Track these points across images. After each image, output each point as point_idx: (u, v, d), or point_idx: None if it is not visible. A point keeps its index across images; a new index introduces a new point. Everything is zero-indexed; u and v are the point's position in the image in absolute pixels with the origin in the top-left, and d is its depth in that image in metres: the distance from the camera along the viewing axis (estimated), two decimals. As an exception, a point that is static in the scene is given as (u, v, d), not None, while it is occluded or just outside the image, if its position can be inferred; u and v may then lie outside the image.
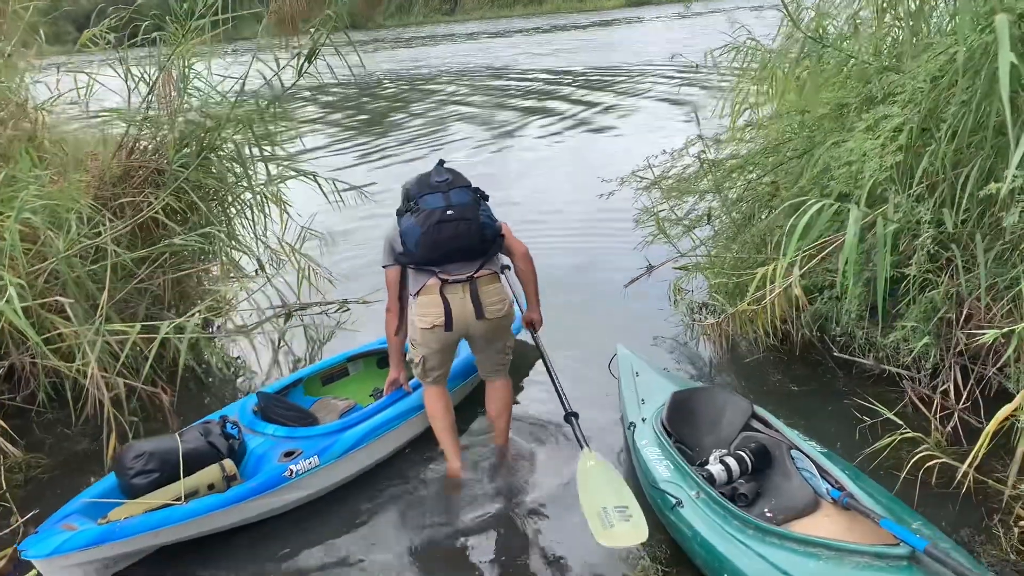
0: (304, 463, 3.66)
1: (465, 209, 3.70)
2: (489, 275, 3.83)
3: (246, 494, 3.50)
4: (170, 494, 3.39)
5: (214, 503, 3.42)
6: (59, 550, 3.09)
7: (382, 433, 4.00)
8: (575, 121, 12.69)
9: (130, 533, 3.23)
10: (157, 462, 3.46)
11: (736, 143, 5.24)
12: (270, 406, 4.07)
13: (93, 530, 3.19)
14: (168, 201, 4.91)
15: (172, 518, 3.32)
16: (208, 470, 3.53)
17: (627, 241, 5.91)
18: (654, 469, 3.43)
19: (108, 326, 4.16)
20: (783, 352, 4.86)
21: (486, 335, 3.88)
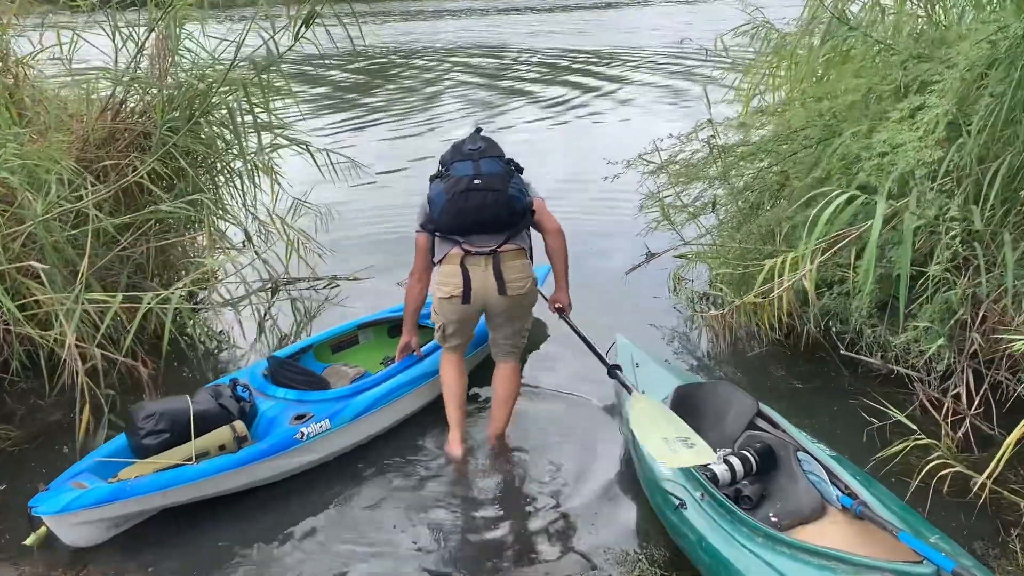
0: (315, 426, 3.65)
1: (493, 179, 3.58)
2: (515, 250, 3.72)
3: (257, 455, 3.50)
4: (181, 454, 3.39)
5: (224, 464, 3.42)
6: (69, 507, 3.11)
7: (393, 399, 3.98)
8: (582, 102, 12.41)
9: (140, 492, 3.24)
10: (168, 422, 3.45)
11: (747, 129, 5.05)
12: (281, 370, 4.05)
13: (103, 488, 3.20)
14: (154, 166, 4.69)
15: (182, 478, 3.32)
16: (219, 431, 3.52)
17: (630, 227, 5.73)
18: (655, 467, 3.27)
19: (88, 294, 3.95)
20: (788, 347, 4.71)
21: (506, 312, 3.79)
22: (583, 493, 3.63)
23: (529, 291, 3.79)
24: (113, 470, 3.39)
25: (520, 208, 3.67)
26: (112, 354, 4.05)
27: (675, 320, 5.24)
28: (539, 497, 3.63)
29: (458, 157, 3.66)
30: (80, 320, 3.96)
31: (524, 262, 3.76)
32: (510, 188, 3.61)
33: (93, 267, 4.31)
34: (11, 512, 3.53)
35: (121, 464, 3.40)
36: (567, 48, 19.68)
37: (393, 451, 3.96)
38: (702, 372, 4.67)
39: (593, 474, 3.75)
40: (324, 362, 4.56)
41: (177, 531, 3.41)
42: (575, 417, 4.18)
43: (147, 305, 3.89)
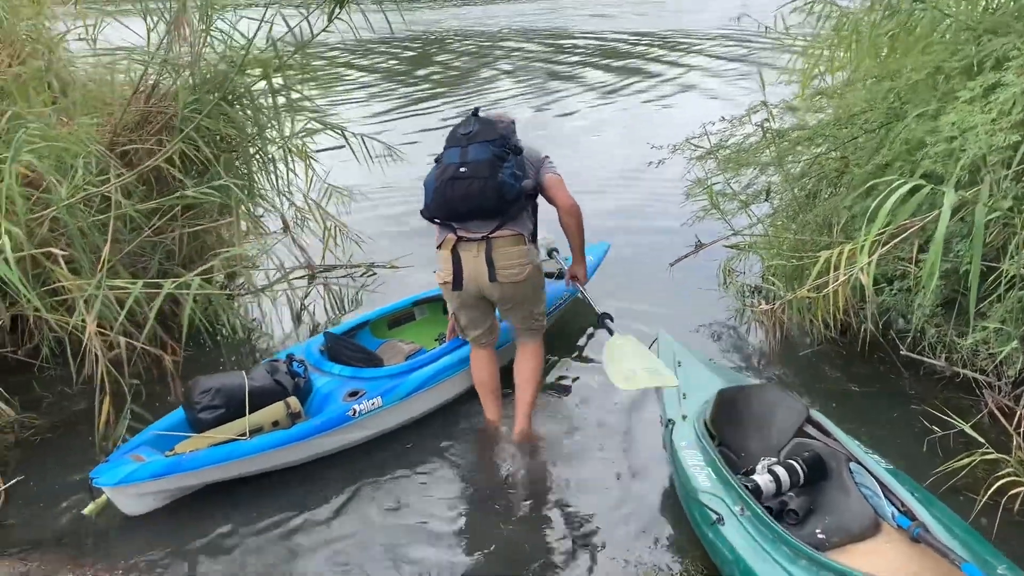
0: (367, 403, 3.68)
1: (479, 167, 3.46)
2: (510, 236, 3.59)
3: (309, 432, 3.54)
4: (235, 429, 3.46)
5: (277, 439, 3.48)
6: (127, 479, 3.22)
7: (444, 378, 3.98)
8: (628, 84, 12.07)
9: (195, 466, 3.34)
10: (223, 398, 3.52)
11: (804, 112, 4.72)
12: (337, 346, 4.08)
13: (160, 462, 3.30)
14: (185, 151, 4.58)
15: (236, 453, 3.40)
16: (273, 407, 3.57)
17: (676, 216, 5.44)
18: (693, 476, 3.03)
19: (110, 281, 3.85)
20: (843, 346, 4.41)
21: (503, 299, 3.70)
22: (618, 500, 3.42)
23: (528, 277, 3.65)
24: (170, 443, 3.47)
25: (511, 194, 3.50)
26: (135, 342, 3.95)
27: (723, 315, 4.96)
28: (571, 501, 3.44)
29: (450, 142, 3.59)
30: (106, 307, 3.87)
31: (520, 248, 3.62)
32: (500, 174, 3.47)
33: (120, 253, 4.23)
34: (29, 503, 3.46)
35: (178, 437, 3.48)
36: (625, 31, 19.22)
37: (427, 439, 3.88)
38: (750, 371, 4.39)
39: (631, 481, 3.55)
40: (380, 338, 4.56)
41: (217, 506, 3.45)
42: (617, 421, 3.96)
43: (165, 291, 3.75)
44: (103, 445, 3.74)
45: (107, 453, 3.68)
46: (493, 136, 3.53)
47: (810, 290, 3.90)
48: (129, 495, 3.29)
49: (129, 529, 3.35)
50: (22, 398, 4.11)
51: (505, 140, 3.55)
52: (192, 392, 3.55)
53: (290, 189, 5.45)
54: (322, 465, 3.66)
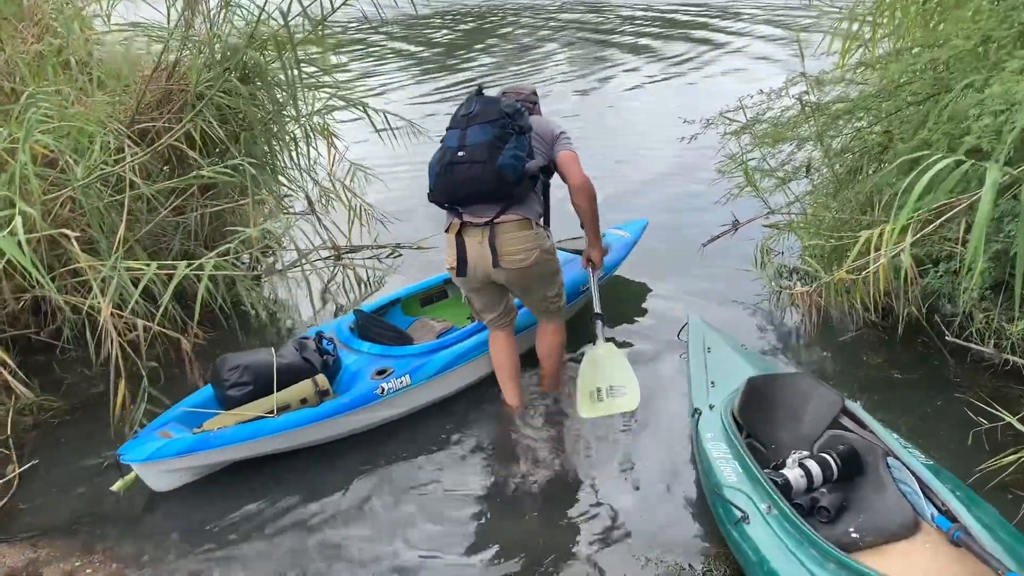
0: (395, 382, 3.66)
1: (477, 150, 3.32)
2: (515, 220, 3.45)
3: (337, 410, 3.53)
4: (263, 407, 3.45)
5: (305, 417, 3.47)
6: (155, 455, 3.24)
7: (474, 357, 3.91)
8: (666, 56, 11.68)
9: (223, 443, 3.34)
10: (252, 375, 3.52)
11: (845, 84, 4.47)
12: (367, 324, 4.05)
13: (188, 439, 3.31)
14: (205, 130, 4.50)
15: (264, 430, 3.39)
16: (301, 385, 3.56)
17: (709, 194, 5.24)
18: (719, 470, 2.87)
19: (126, 262, 3.79)
20: (883, 331, 4.20)
21: (510, 283, 3.60)
22: (638, 493, 3.29)
23: (536, 262, 3.51)
24: (199, 420, 3.47)
25: (512, 177, 3.35)
26: (153, 324, 3.89)
27: (758, 298, 4.75)
28: (589, 492, 3.32)
29: (451, 124, 3.48)
30: (124, 288, 3.81)
31: (527, 233, 3.47)
32: (501, 157, 3.31)
33: (137, 234, 4.18)
34: (44, 488, 3.43)
35: (206, 414, 3.48)
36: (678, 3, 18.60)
37: (450, 423, 3.82)
38: (785, 356, 4.21)
39: (653, 473, 3.40)
40: (412, 315, 4.51)
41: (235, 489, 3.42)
42: (642, 409, 3.80)
43: (181, 272, 3.68)
44: (119, 428, 3.69)
45: (123, 437, 3.65)
46: (494, 116, 3.37)
47: (849, 272, 3.70)
48: (157, 471, 3.30)
49: (142, 516, 3.33)
50: (42, 379, 4.09)
51: (509, 119, 3.37)
52: (220, 369, 3.55)
53: (314, 168, 5.35)
54: (345, 446, 3.62)
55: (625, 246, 4.82)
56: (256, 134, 4.63)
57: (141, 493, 3.40)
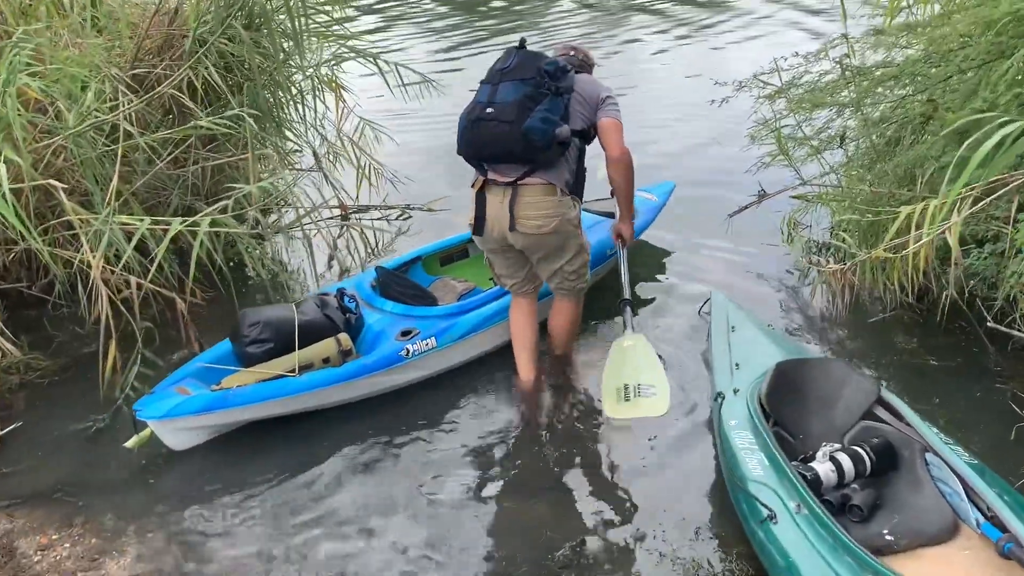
0: (421, 343, 3.55)
1: (505, 109, 3.15)
2: (539, 185, 3.27)
3: (360, 371, 3.42)
4: (284, 365, 3.34)
5: (328, 377, 3.36)
6: (172, 413, 3.13)
7: (499, 321, 3.77)
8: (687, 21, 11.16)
9: (242, 402, 3.23)
10: (272, 331, 3.40)
11: (889, 48, 4.17)
12: (389, 282, 3.94)
13: (206, 396, 3.20)
14: (207, 78, 4.26)
15: (285, 390, 3.28)
16: (324, 343, 3.45)
17: (738, 161, 4.96)
18: (743, 462, 2.66)
19: (118, 217, 3.58)
20: (919, 313, 3.94)
21: (528, 249, 3.44)
22: (656, 483, 3.08)
23: (555, 230, 3.32)
24: (217, 376, 3.36)
25: (541, 141, 3.15)
26: (146, 283, 3.69)
27: (785, 273, 4.48)
28: (603, 482, 3.13)
29: (485, 78, 3.31)
30: (119, 244, 3.61)
31: (550, 199, 3.28)
32: (530, 119, 3.13)
33: (133, 187, 3.97)
34: (28, 452, 3.27)
35: (225, 371, 3.36)
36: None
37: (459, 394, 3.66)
38: (812, 336, 3.96)
39: (672, 461, 3.19)
40: (432, 274, 4.37)
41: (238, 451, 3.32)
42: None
43: (175, 228, 3.47)
44: (109, 393, 3.51)
45: (113, 402, 3.49)
46: (530, 74, 3.18)
47: (887, 250, 3.44)
48: (173, 429, 3.20)
49: (129, 485, 3.17)
50: (32, 336, 3.94)
51: (547, 78, 3.18)
52: (240, 325, 3.44)
53: (322, 123, 5.11)
54: (361, 409, 3.50)
55: (652, 210, 4.66)
56: (258, 85, 4.36)
57: (128, 460, 3.24)
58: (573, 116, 3.29)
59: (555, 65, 3.25)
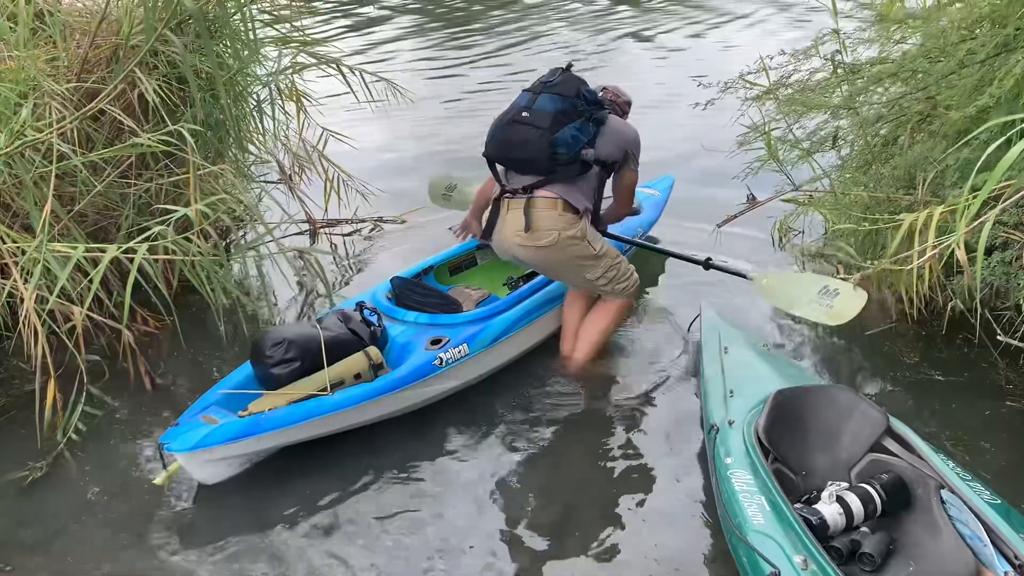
0: (453, 351, 3.43)
1: (541, 116, 3.29)
2: (551, 199, 3.37)
3: (396, 384, 3.27)
4: (314, 384, 3.16)
5: (363, 393, 3.19)
6: (202, 444, 2.93)
7: (528, 322, 3.72)
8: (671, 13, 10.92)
9: (276, 426, 3.04)
10: (298, 350, 3.21)
11: (884, 43, 3.91)
12: (406, 292, 3.81)
13: (237, 423, 3.01)
14: (159, 90, 3.96)
15: (319, 409, 3.11)
16: (354, 358, 3.28)
17: (726, 165, 4.70)
18: (742, 507, 2.39)
19: (52, 244, 3.28)
20: (923, 325, 3.70)
21: (533, 262, 3.55)
22: (646, 524, 2.83)
23: (552, 243, 3.38)
24: (242, 402, 3.17)
25: (565, 156, 3.29)
26: (84, 311, 3.38)
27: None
28: (585, 525, 2.85)
29: (529, 87, 3.44)
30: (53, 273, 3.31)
31: (553, 213, 3.36)
32: (562, 131, 3.26)
33: (76, 209, 3.68)
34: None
35: (249, 396, 3.19)
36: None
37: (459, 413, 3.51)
38: (809, 353, 3.72)
39: (663, 500, 2.94)
40: (443, 284, 4.27)
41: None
42: (652, 423, 3.36)
43: (111, 254, 3.18)
44: (50, 436, 3.23)
45: (55, 445, 3.22)
46: (571, 93, 3.34)
47: (894, 263, 3.18)
48: (203, 461, 2.99)
49: (61, 548, 2.85)
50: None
51: (583, 101, 3.35)
52: (263, 346, 3.24)
53: (286, 135, 4.82)
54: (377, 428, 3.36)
55: (656, 205, 4.72)
56: (204, 97, 4.06)
57: (67, 515, 2.96)
58: (598, 147, 3.38)
59: (595, 94, 3.42)
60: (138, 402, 3.61)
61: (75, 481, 3.16)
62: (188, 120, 4.00)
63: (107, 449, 3.34)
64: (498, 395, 3.58)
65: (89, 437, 3.34)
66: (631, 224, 4.30)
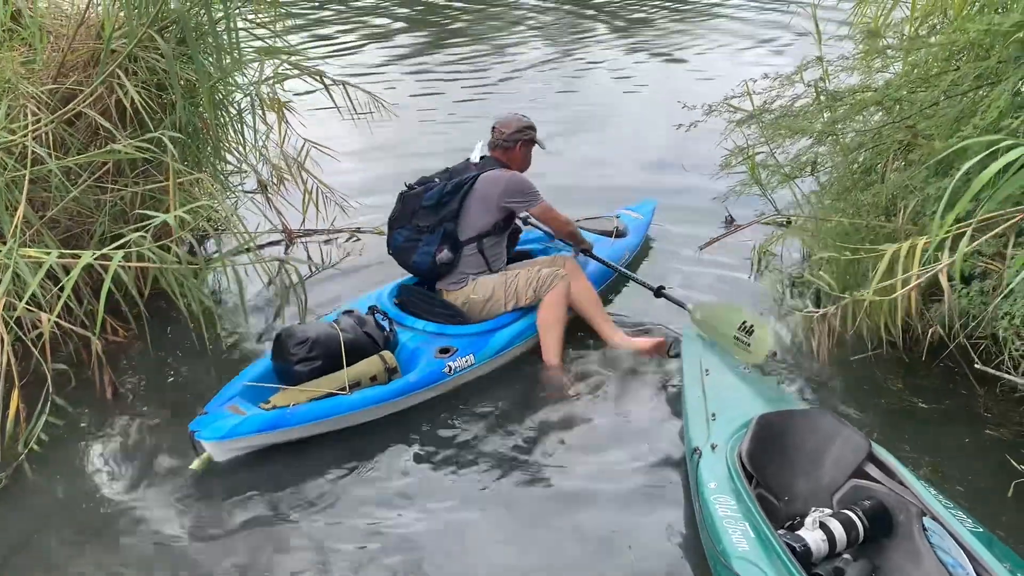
0: (461, 360, 3.67)
1: (401, 252, 3.98)
2: (449, 287, 3.97)
3: (407, 388, 3.49)
4: (332, 383, 3.37)
5: (378, 395, 3.42)
6: (231, 434, 3.15)
7: (530, 335, 3.94)
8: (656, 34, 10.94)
9: (299, 421, 3.26)
10: (320, 349, 3.41)
11: (866, 72, 3.95)
12: (414, 300, 3.99)
13: (265, 416, 3.22)
14: (137, 97, 3.89)
15: (339, 408, 3.33)
16: (370, 361, 3.49)
17: (707, 189, 4.72)
18: (726, 533, 2.36)
19: (23, 250, 3.20)
20: (903, 351, 3.69)
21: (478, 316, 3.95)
22: (631, 553, 2.77)
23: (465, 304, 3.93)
24: (262, 395, 3.35)
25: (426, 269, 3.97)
26: (52, 318, 3.29)
27: (757, 308, 4.21)
28: (570, 552, 2.80)
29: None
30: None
31: (456, 292, 3.97)
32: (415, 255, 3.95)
33: (44, 216, 3.60)
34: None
35: (269, 389, 3.37)
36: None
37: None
38: (791, 378, 3.70)
39: (646, 526, 2.89)
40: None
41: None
42: (634, 446, 3.33)
43: (85, 260, 3.11)
44: (10, 446, 3.13)
45: (15, 457, 3.13)
46: (406, 221, 3.90)
47: (876, 293, 3.18)
48: (229, 450, 3.20)
49: (27, 562, 2.78)
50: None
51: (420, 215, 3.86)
52: (286, 344, 3.42)
53: (266, 144, 4.76)
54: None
55: (640, 228, 4.85)
56: (186, 103, 3.99)
57: (28, 528, 2.88)
58: (472, 221, 3.85)
59: (435, 198, 3.82)
60: (100, 411, 3.54)
61: (36, 493, 3.08)
62: (167, 127, 3.95)
63: (68, 459, 3.29)
64: (481, 417, 3.56)
65: (50, 447, 3.24)
66: (619, 247, 4.49)
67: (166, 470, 3.26)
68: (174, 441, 3.35)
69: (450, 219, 3.84)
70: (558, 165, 5.83)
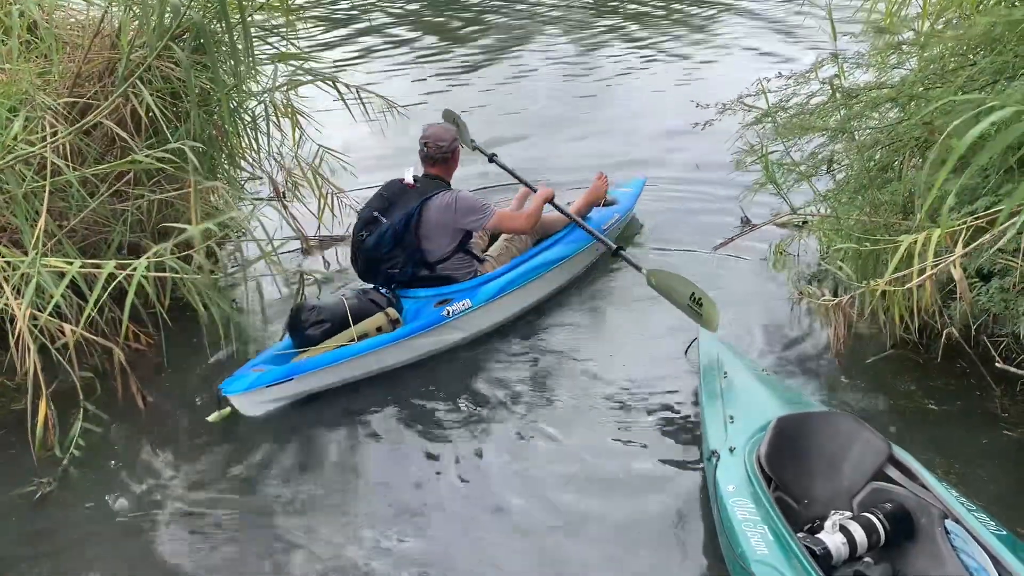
0: (458, 304, 4.02)
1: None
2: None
3: (410, 332, 3.88)
4: (344, 339, 3.75)
5: (383, 340, 3.80)
6: (252, 385, 3.57)
7: (523, 283, 4.24)
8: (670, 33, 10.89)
9: (312, 368, 3.67)
10: (328, 313, 3.78)
11: (881, 68, 3.91)
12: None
13: (281, 368, 3.64)
14: (152, 106, 3.92)
15: (347, 354, 3.73)
16: (375, 317, 3.86)
17: (723, 189, 4.70)
18: (745, 537, 2.36)
19: (46, 260, 3.23)
20: (919, 352, 3.68)
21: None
22: (649, 558, 2.79)
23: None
24: (287, 360, 3.72)
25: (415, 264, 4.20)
26: (80, 330, 3.32)
27: (773, 305, 4.23)
28: (588, 554, 2.81)
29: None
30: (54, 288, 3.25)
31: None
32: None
33: (69, 225, 3.63)
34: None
35: (291, 355, 3.74)
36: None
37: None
38: (807, 379, 3.70)
39: (662, 529, 2.91)
40: None
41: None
42: (651, 449, 3.32)
43: (108, 269, 3.12)
44: (42, 453, 3.16)
45: (57, 463, 3.24)
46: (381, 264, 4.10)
47: (891, 283, 3.16)
48: (253, 401, 3.59)
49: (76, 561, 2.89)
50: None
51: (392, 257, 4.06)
52: (296, 316, 3.76)
53: (280, 151, 4.78)
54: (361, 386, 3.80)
55: (631, 196, 5.11)
56: (200, 113, 4.01)
57: (79, 528, 3.01)
58: (435, 248, 4.07)
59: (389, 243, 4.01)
60: (132, 419, 3.57)
61: (80, 497, 3.19)
62: (183, 136, 3.98)
63: (106, 466, 3.37)
64: (495, 419, 3.58)
65: (88, 454, 3.28)
66: (607, 212, 4.78)
67: (198, 473, 3.35)
68: (205, 443, 3.51)
69: (414, 248, 4.05)
70: (570, 161, 5.85)
